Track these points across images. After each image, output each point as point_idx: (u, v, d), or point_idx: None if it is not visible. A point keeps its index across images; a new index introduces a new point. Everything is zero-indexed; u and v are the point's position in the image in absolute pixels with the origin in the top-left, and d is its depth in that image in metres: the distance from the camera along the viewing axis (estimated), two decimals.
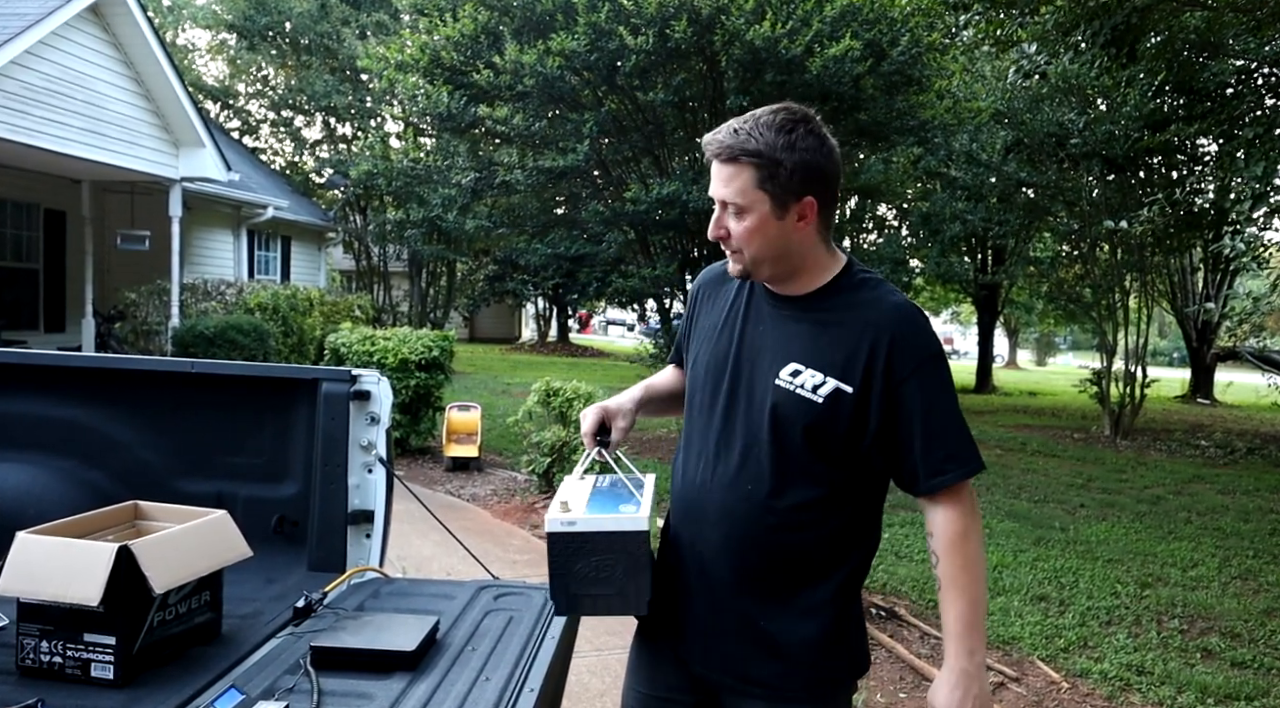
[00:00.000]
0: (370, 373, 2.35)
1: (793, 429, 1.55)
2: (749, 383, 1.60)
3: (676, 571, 1.69)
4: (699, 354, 1.72)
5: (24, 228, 12.52)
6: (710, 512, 1.62)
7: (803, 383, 1.55)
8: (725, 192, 1.54)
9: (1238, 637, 4.66)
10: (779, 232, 1.55)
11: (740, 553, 1.60)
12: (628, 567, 1.52)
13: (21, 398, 2.42)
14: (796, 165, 1.52)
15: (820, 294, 1.61)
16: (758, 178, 1.52)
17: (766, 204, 1.53)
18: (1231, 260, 15.90)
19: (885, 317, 1.56)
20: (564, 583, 1.54)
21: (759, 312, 1.65)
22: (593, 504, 1.59)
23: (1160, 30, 11.16)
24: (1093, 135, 10.48)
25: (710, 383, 1.66)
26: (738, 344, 1.64)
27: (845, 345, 1.55)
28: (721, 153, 1.54)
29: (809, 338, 1.58)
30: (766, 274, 1.61)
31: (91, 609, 1.53)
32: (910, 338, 1.55)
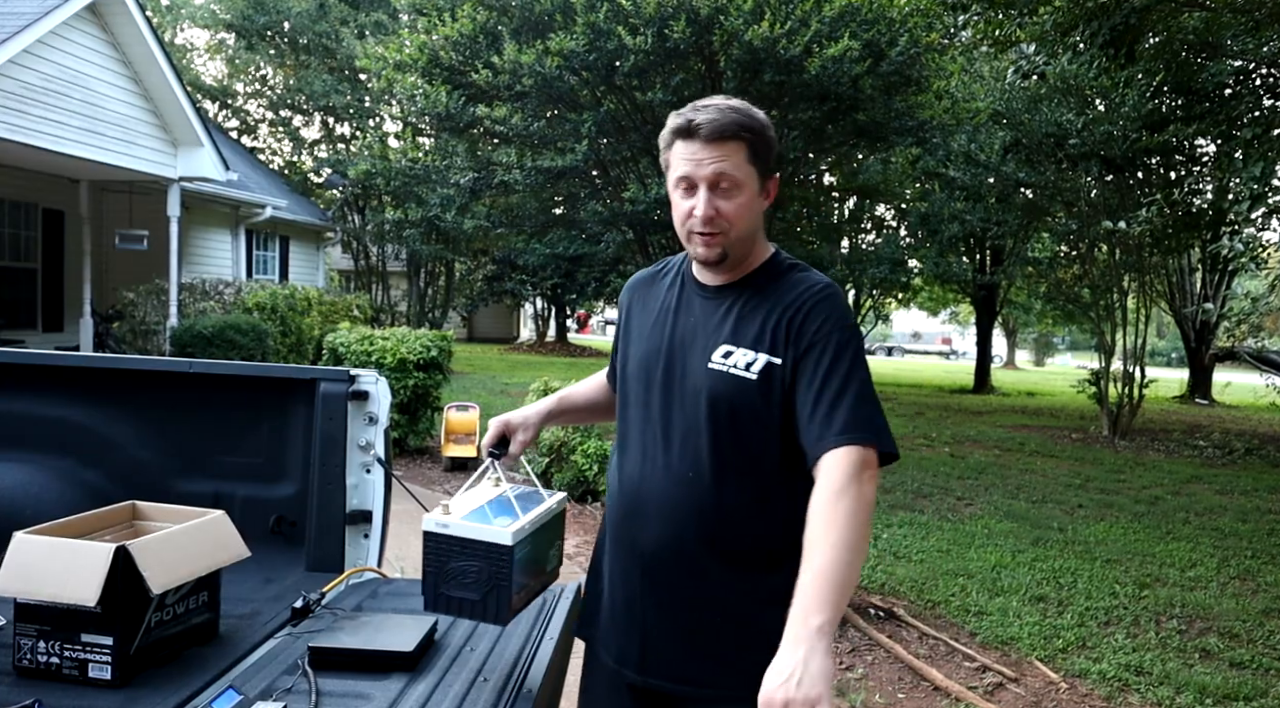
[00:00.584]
0: (368, 373, 2.35)
1: (729, 410, 1.54)
2: (683, 372, 1.60)
3: (618, 578, 1.66)
4: (631, 353, 1.71)
5: (22, 227, 12.51)
6: (651, 505, 1.59)
7: (735, 363, 1.55)
8: (723, 165, 1.54)
9: (1236, 637, 4.67)
10: (757, 210, 1.60)
11: (685, 542, 1.57)
12: (491, 576, 1.57)
13: (19, 398, 2.41)
14: (770, 142, 1.59)
15: (750, 278, 1.63)
16: (749, 154, 1.55)
17: (755, 181, 1.58)
18: (1230, 261, 15.92)
19: (803, 293, 1.58)
20: (434, 581, 1.60)
21: (689, 304, 1.66)
22: (475, 513, 1.62)
23: (1159, 31, 11.17)
24: (1091, 136, 10.49)
25: (643, 378, 1.66)
26: (669, 337, 1.64)
27: (770, 321, 1.56)
28: (724, 130, 1.53)
29: (738, 320, 1.59)
30: (737, 255, 1.61)
31: (89, 610, 1.53)
32: (821, 311, 1.56)
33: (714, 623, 1.57)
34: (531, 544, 1.63)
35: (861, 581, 5.16)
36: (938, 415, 14.58)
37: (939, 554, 5.89)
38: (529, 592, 1.67)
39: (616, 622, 1.66)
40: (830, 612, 1.30)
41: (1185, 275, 17.92)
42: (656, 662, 1.60)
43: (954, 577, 5.41)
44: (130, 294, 12.02)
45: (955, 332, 49.52)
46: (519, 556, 1.58)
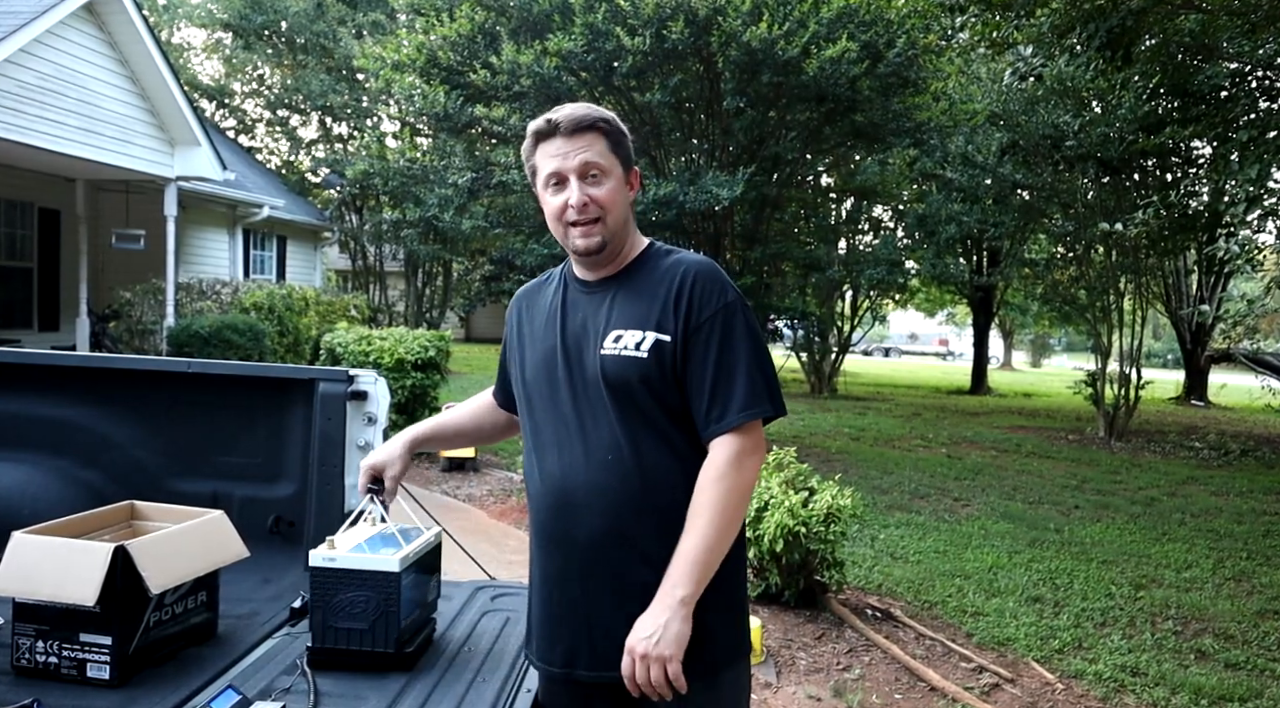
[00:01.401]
0: (367, 373, 2.35)
1: (628, 390, 1.59)
2: (579, 364, 1.65)
3: (555, 579, 1.65)
4: (527, 360, 1.75)
5: (18, 227, 12.49)
6: (578, 495, 1.61)
7: (625, 344, 1.60)
8: (588, 154, 1.62)
9: (1231, 638, 4.68)
10: (626, 198, 1.68)
11: (618, 523, 1.59)
12: (379, 604, 1.63)
13: (17, 397, 2.41)
14: (626, 135, 1.70)
15: (629, 268, 1.70)
16: (609, 144, 1.66)
17: (619, 168, 1.67)
18: (1225, 263, 15.96)
19: (684, 271, 1.64)
20: (322, 615, 1.65)
21: (574, 303, 1.71)
22: (360, 546, 1.69)
23: (1155, 33, 11.18)
24: (1088, 137, 10.51)
25: (546, 378, 1.69)
26: (561, 335, 1.69)
27: (655, 302, 1.62)
28: (580, 122, 1.63)
29: (624, 306, 1.65)
30: (615, 245, 1.67)
31: (87, 609, 1.53)
32: (705, 286, 1.62)
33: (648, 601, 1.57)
34: (415, 573, 1.72)
35: (858, 581, 5.17)
36: (934, 416, 14.59)
37: (935, 555, 5.90)
38: (415, 621, 1.73)
39: (562, 626, 1.65)
40: (692, 587, 1.50)
41: (1181, 277, 17.95)
42: (607, 653, 1.58)
43: (950, 578, 5.42)
44: (127, 294, 12.00)
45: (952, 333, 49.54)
46: (406, 582, 1.65)
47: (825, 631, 4.43)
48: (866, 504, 6.64)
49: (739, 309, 1.63)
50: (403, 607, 1.65)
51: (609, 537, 1.59)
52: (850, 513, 4.57)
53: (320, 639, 1.65)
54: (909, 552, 5.92)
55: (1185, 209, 12.37)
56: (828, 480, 4.81)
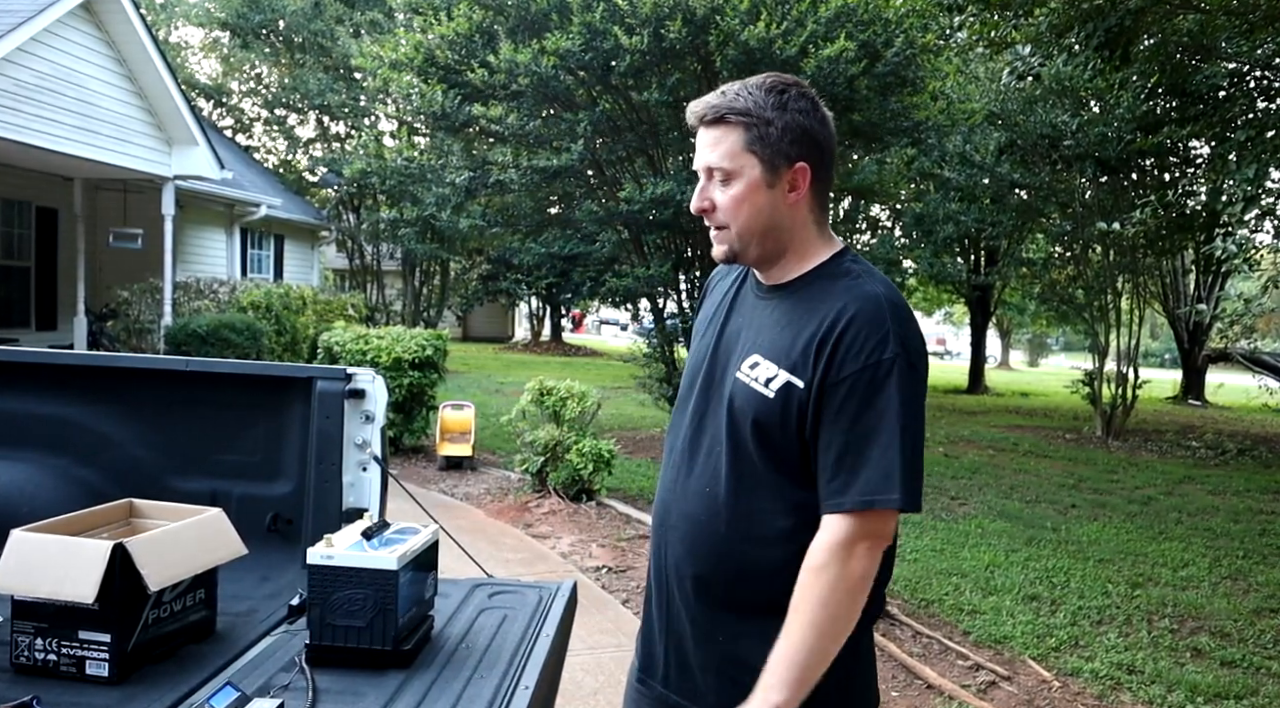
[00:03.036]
0: (365, 371, 2.35)
1: (749, 427, 1.41)
2: (721, 378, 1.48)
3: (652, 588, 1.61)
4: (690, 352, 1.62)
5: (15, 226, 12.47)
6: (674, 515, 1.52)
7: (757, 376, 1.41)
8: (712, 156, 1.43)
9: (1227, 636, 4.69)
10: (769, 202, 1.43)
11: (699, 559, 1.47)
12: (376, 602, 1.63)
13: (15, 396, 2.41)
14: (788, 125, 1.41)
15: (801, 280, 1.46)
16: (747, 139, 1.41)
17: (757, 168, 1.41)
18: (1223, 262, 15.98)
19: (849, 306, 1.38)
20: (321, 612, 1.66)
21: (744, 302, 1.53)
22: (358, 544, 1.70)
23: (1153, 33, 11.21)
24: (1086, 137, 10.52)
25: (689, 380, 1.56)
26: (717, 338, 1.53)
27: (803, 335, 1.39)
28: (708, 113, 1.43)
29: (775, 328, 1.44)
30: (754, 254, 1.47)
31: (86, 607, 1.54)
32: (862, 332, 1.35)
33: (723, 648, 1.48)
34: (413, 570, 1.72)
35: None
36: (932, 415, 14.61)
37: (933, 553, 5.91)
38: (413, 618, 1.74)
39: (648, 625, 1.63)
40: (789, 693, 1.31)
41: (1179, 277, 17.98)
42: (675, 675, 1.54)
43: (947, 576, 5.43)
44: (124, 293, 11.99)
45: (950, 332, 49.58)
46: (403, 580, 1.66)
47: None
48: None
49: (897, 369, 1.34)
50: (400, 604, 1.66)
51: (686, 570, 1.49)
52: None
53: (318, 637, 1.66)
54: (906, 550, 5.93)
55: (1183, 209, 12.39)
56: None
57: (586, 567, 5.41)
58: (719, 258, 1.49)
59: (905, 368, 1.35)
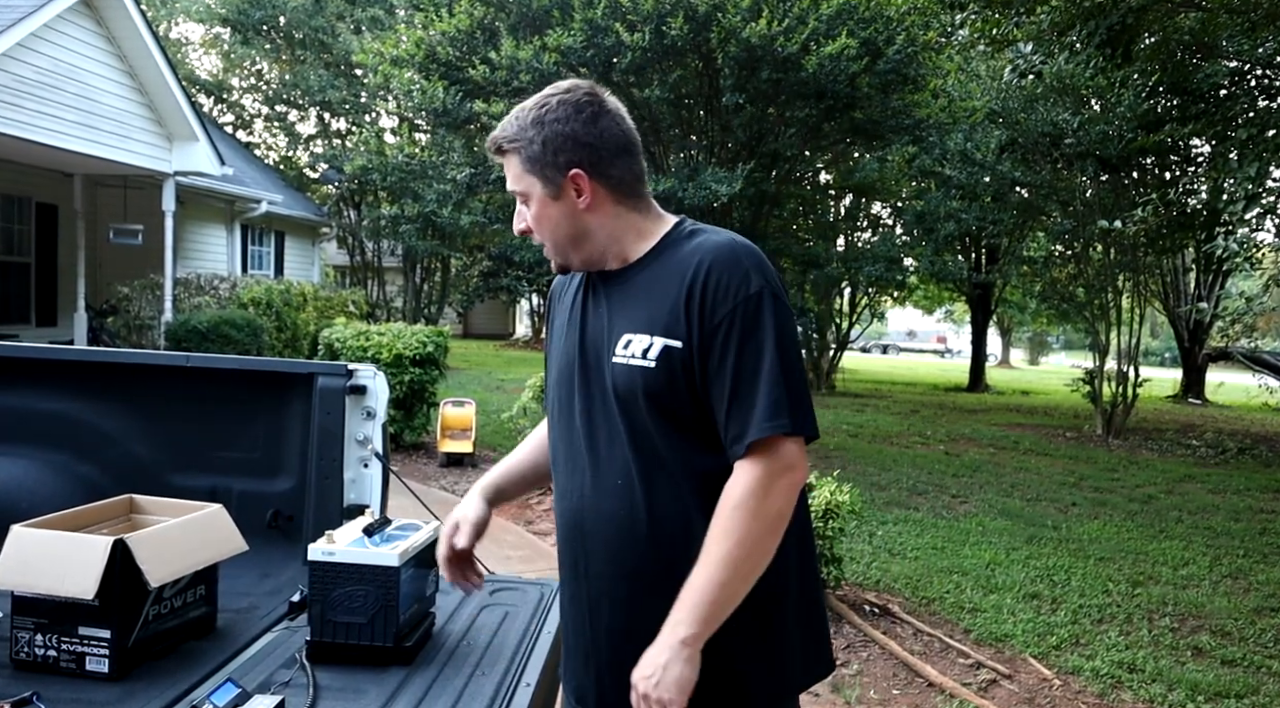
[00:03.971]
0: (366, 368, 2.35)
1: (640, 406, 1.40)
2: (598, 371, 1.46)
3: (570, 612, 1.54)
4: (552, 361, 1.60)
5: (15, 221, 12.46)
6: (587, 522, 1.46)
7: (633, 352, 1.41)
8: (510, 182, 1.49)
9: (1228, 635, 4.69)
10: (562, 213, 1.46)
11: (625, 559, 1.43)
12: (377, 598, 1.63)
13: (15, 392, 2.41)
14: (547, 139, 1.44)
15: (646, 258, 1.48)
16: (521, 162, 1.47)
17: (538, 186, 1.46)
18: (1224, 261, 15.98)
19: (704, 259, 1.39)
20: (321, 609, 1.65)
21: (595, 300, 1.52)
22: (359, 541, 1.70)
23: (1155, 31, 11.20)
24: (1087, 135, 10.51)
25: (564, 386, 1.53)
26: (580, 339, 1.51)
27: (666, 299, 1.40)
28: (491, 147, 1.51)
29: (635, 304, 1.44)
30: (578, 261, 1.51)
31: (86, 603, 1.53)
32: (723, 277, 1.37)
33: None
34: (414, 567, 1.72)
35: (856, 577, 5.18)
36: (933, 413, 14.61)
37: (933, 551, 5.91)
38: (414, 615, 1.74)
39: (574, 658, 1.54)
40: (699, 628, 1.31)
41: (1179, 275, 17.98)
42: (615, 694, 1.41)
43: (948, 574, 5.43)
44: (125, 289, 11.99)
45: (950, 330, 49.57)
46: (405, 577, 1.66)
47: None
48: (864, 501, 6.64)
49: (765, 301, 1.37)
50: (402, 601, 1.65)
51: (616, 569, 1.45)
52: (848, 509, 4.58)
53: (319, 633, 1.66)
54: (907, 548, 5.93)
55: (1184, 207, 12.39)
56: (826, 477, 4.81)
57: None
58: (558, 270, 1.56)
59: (771, 299, 1.38)
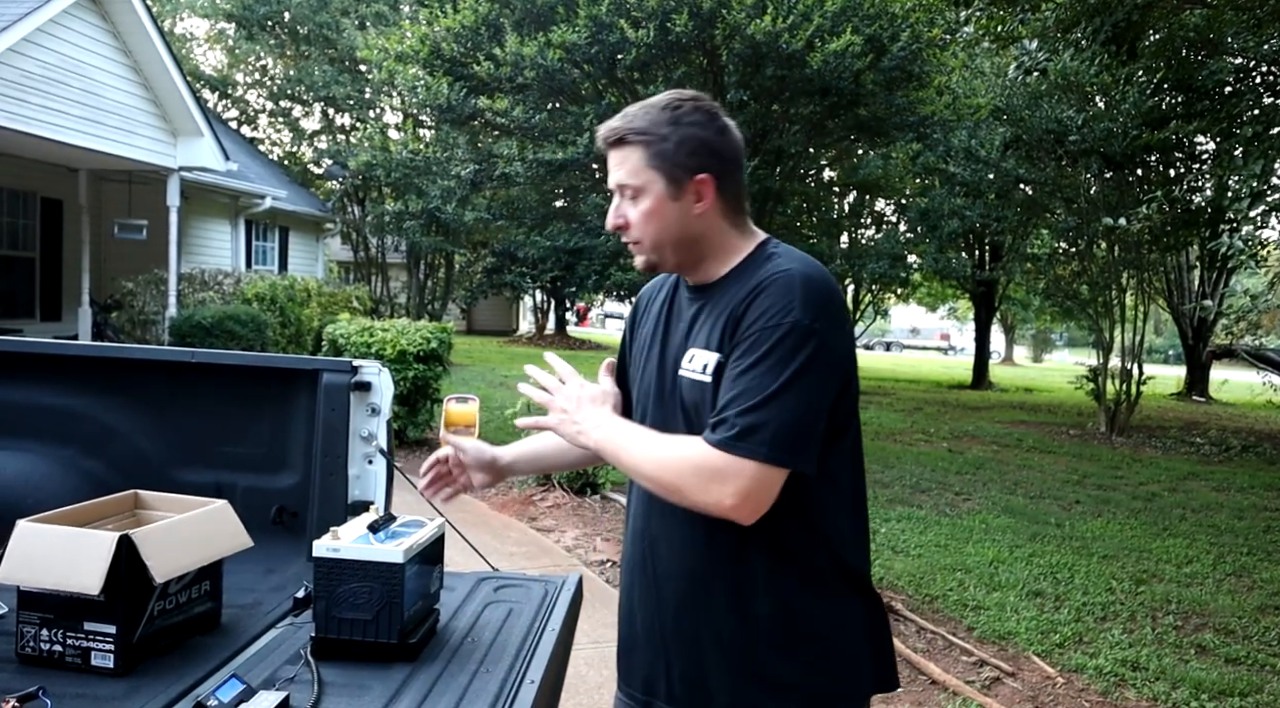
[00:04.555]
0: (371, 364, 2.35)
1: (698, 417, 1.44)
2: (672, 385, 1.51)
3: (641, 605, 1.58)
4: (637, 377, 1.63)
5: (20, 216, 12.49)
6: (654, 525, 1.53)
7: (695, 366, 1.46)
8: (619, 174, 1.49)
9: (1232, 633, 4.68)
10: (676, 214, 1.47)
11: (688, 562, 1.49)
12: (383, 595, 1.63)
13: (20, 386, 2.41)
14: (683, 139, 1.46)
15: (726, 278, 1.50)
16: (647, 156, 1.46)
17: (659, 183, 1.46)
18: (1229, 258, 15.94)
19: (762, 282, 1.41)
20: (326, 605, 1.65)
21: (679, 311, 1.56)
22: (363, 537, 1.69)
23: (1160, 28, 11.16)
24: (1091, 132, 10.49)
25: (646, 390, 1.58)
26: (661, 353, 1.55)
27: (724, 316, 1.44)
28: (610, 136, 1.49)
29: (705, 322, 1.48)
30: (672, 263, 1.53)
31: (92, 598, 1.53)
32: (769, 298, 1.38)
33: (717, 662, 1.47)
34: (419, 564, 1.72)
35: None
36: (936, 411, 14.60)
37: (937, 549, 5.90)
38: (418, 612, 1.74)
39: (639, 648, 1.59)
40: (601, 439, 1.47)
41: (1183, 273, 17.95)
42: (685, 695, 1.50)
43: (951, 572, 5.43)
44: (129, 284, 12.01)
45: (954, 327, 49.54)
46: (410, 574, 1.66)
47: None
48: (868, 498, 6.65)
49: (794, 334, 1.35)
50: (406, 598, 1.65)
51: (682, 574, 1.50)
52: None
53: (324, 630, 1.66)
54: (910, 545, 5.93)
55: (1188, 204, 12.37)
56: None
57: (591, 561, 5.41)
58: (640, 269, 1.55)
59: (809, 334, 1.35)
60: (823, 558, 1.47)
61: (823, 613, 1.47)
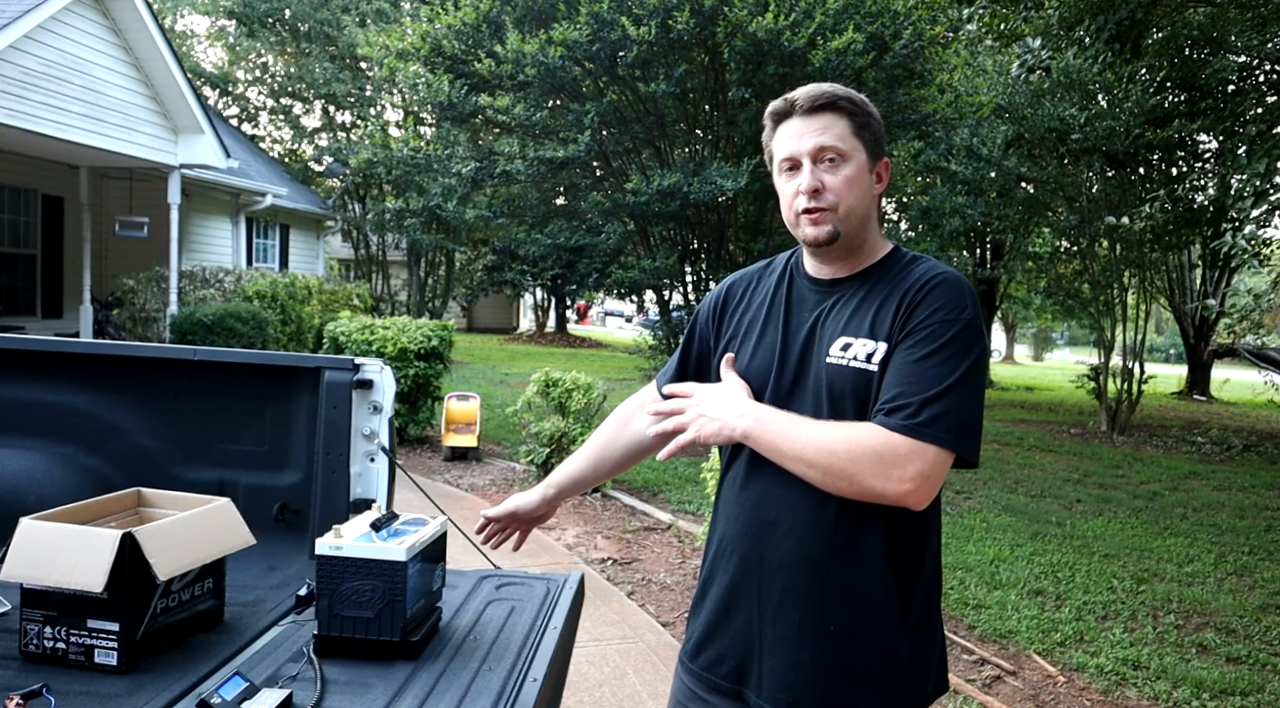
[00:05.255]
0: (373, 362, 2.35)
1: (853, 406, 1.44)
2: (801, 370, 1.51)
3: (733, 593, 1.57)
4: (743, 352, 1.61)
5: (21, 213, 12.49)
6: (772, 509, 1.50)
7: (854, 354, 1.45)
8: (824, 137, 1.48)
9: (1233, 633, 4.68)
10: (867, 187, 1.52)
11: (807, 546, 1.47)
12: (385, 594, 1.64)
13: (22, 384, 2.41)
14: (880, 123, 1.53)
15: (872, 269, 1.54)
16: (855, 126, 1.50)
17: (863, 153, 1.51)
18: (1231, 257, 15.92)
19: (932, 277, 1.47)
20: (328, 603, 1.65)
21: (800, 299, 1.58)
22: (366, 535, 1.70)
23: (1163, 26, 11.15)
24: (1094, 131, 10.48)
25: (760, 379, 1.55)
26: (783, 335, 1.55)
27: (888, 308, 1.46)
28: (818, 99, 1.50)
29: (858, 311, 1.49)
30: (849, 236, 1.51)
31: (95, 596, 1.53)
32: (943, 294, 1.44)
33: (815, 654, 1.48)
34: (422, 562, 1.72)
35: None
36: None
37: None
38: (421, 610, 1.74)
39: (734, 640, 1.57)
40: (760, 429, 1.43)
41: (1185, 272, 17.93)
42: (773, 687, 1.50)
43: (952, 570, 5.43)
44: (130, 281, 12.01)
45: None
46: (412, 571, 1.66)
47: None
48: None
49: (974, 331, 1.42)
50: (409, 596, 1.65)
51: (797, 559, 1.48)
52: None
53: (326, 627, 1.66)
54: None
55: (1191, 203, 12.35)
56: None
57: (592, 559, 5.41)
58: (823, 239, 1.51)
59: (978, 333, 1.43)
60: (928, 561, 1.52)
61: (920, 614, 1.51)
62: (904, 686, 1.50)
